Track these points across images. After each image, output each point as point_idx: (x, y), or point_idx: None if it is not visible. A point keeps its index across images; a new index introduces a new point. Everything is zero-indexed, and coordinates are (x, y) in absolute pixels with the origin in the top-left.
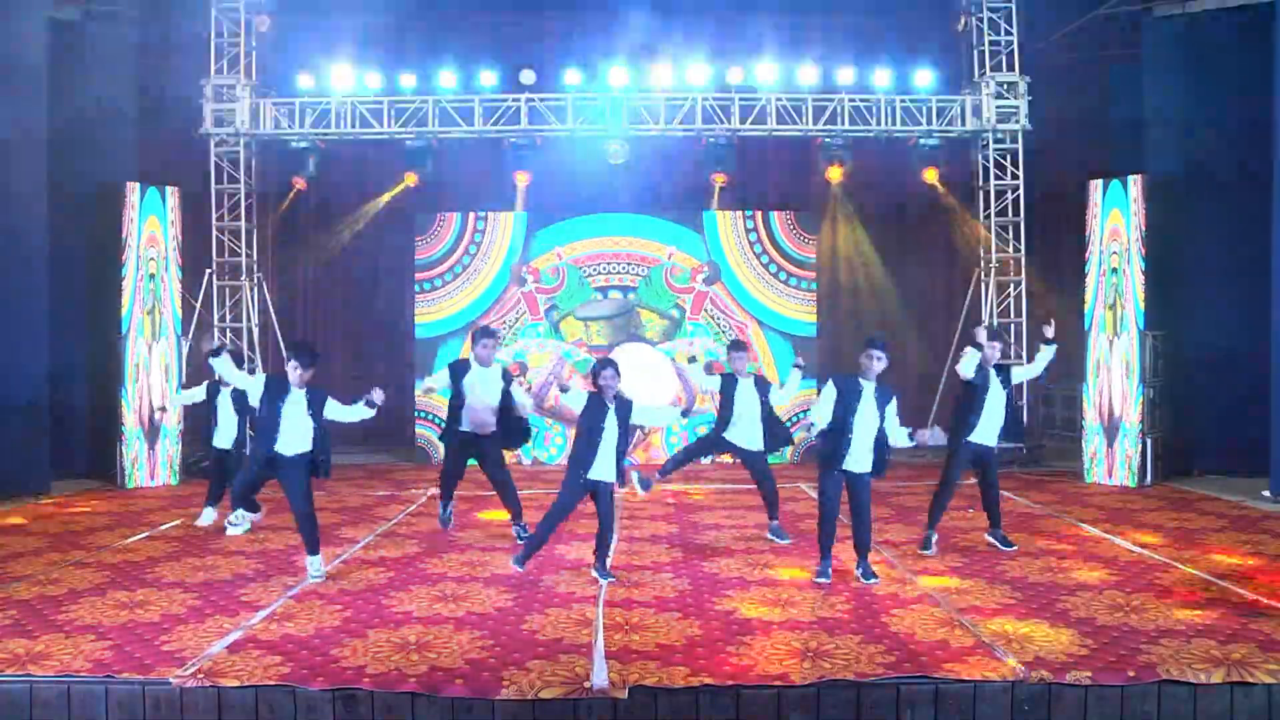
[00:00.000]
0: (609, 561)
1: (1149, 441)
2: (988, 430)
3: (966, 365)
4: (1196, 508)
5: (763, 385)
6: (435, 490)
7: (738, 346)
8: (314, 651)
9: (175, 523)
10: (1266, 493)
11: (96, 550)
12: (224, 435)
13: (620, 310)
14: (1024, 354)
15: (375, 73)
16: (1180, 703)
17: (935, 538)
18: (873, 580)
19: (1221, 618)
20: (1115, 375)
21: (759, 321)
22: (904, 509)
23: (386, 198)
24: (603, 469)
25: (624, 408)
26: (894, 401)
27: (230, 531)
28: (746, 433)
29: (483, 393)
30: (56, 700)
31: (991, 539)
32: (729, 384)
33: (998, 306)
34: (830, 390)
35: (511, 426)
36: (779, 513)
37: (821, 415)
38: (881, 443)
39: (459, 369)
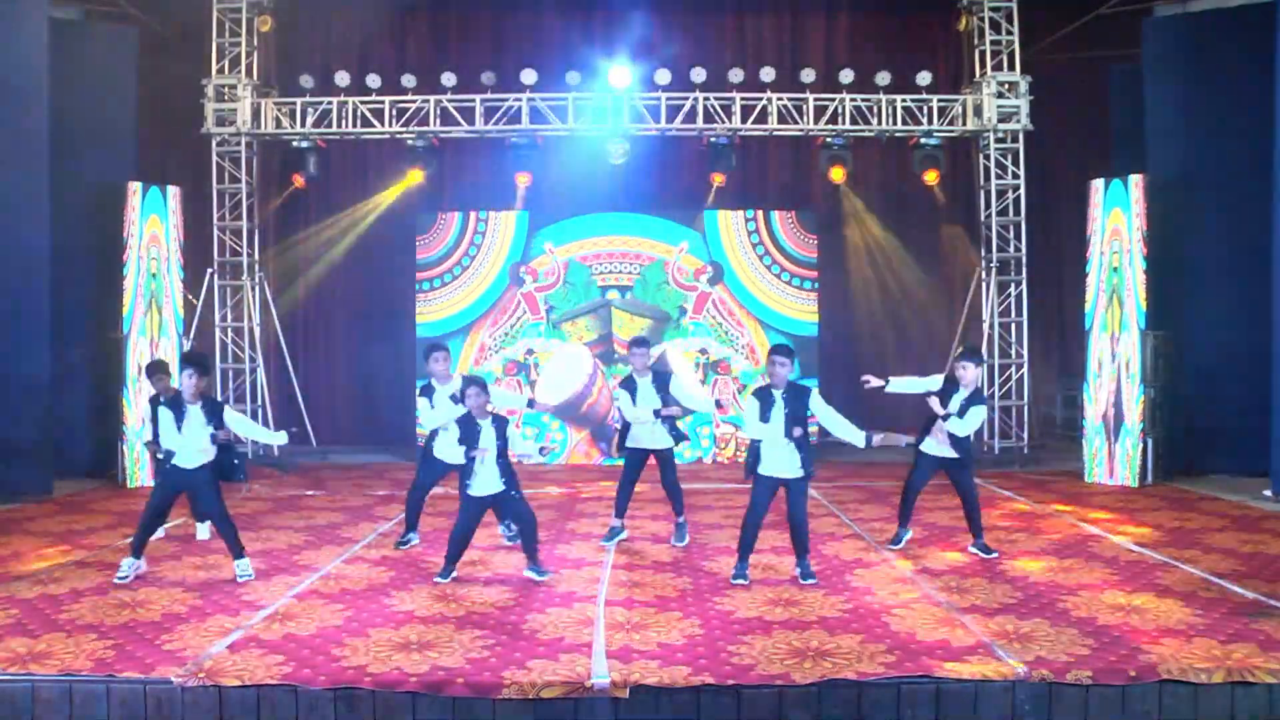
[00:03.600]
0: (539, 556)
1: (1150, 441)
2: (941, 442)
3: (933, 402)
4: (1197, 507)
5: (662, 382)
6: (435, 490)
7: (639, 343)
8: (315, 651)
9: (176, 522)
10: (1268, 492)
11: (98, 549)
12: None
13: (592, 307)
14: (1024, 353)
15: (376, 72)
16: (1181, 702)
17: (906, 535)
18: (810, 580)
19: (1222, 617)
20: (1116, 375)
21: (760, 321)
22: None
23: (393, 194)
24: (485, 483)
25: (500, 423)
26: (811, 396)
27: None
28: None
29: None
30: (58, 699)
31: (974, 550)
32: (628, 385)
33: (998, 306)
34: (752, 403)
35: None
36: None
37: (749, 428)
38: (803, 444)
39: (426, 391)
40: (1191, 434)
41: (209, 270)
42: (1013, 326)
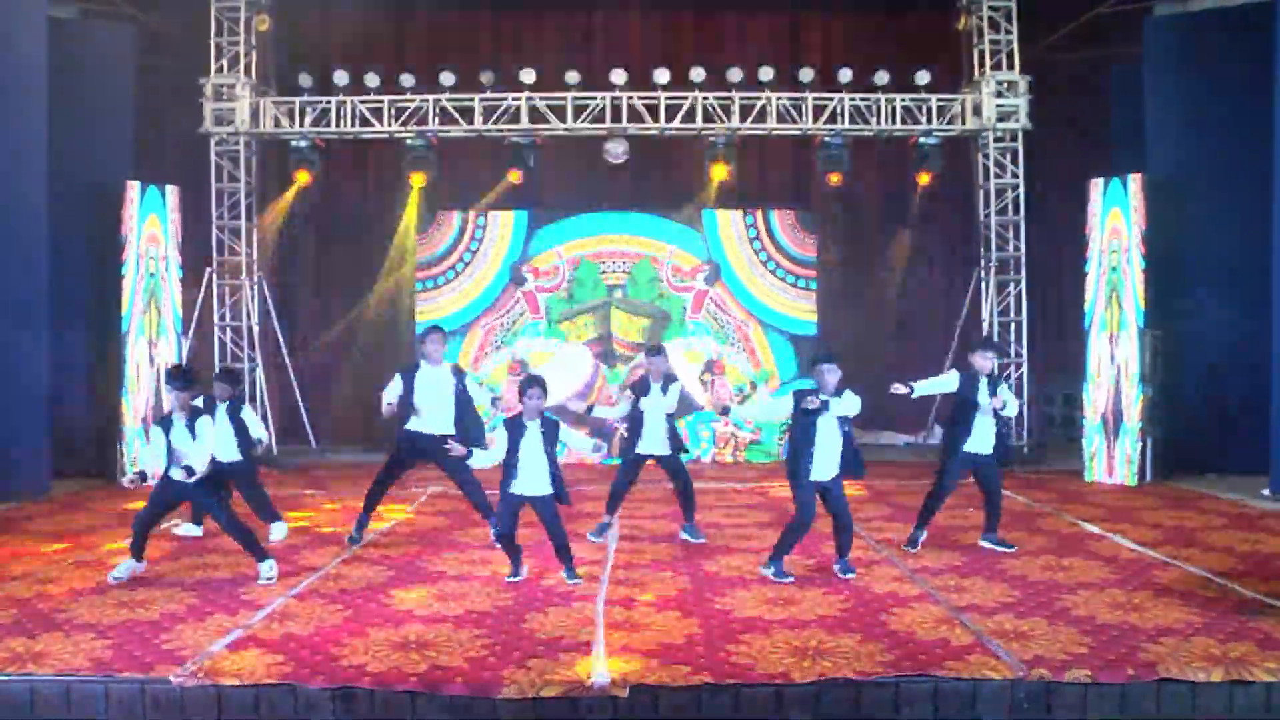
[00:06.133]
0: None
1: (1149, 440)
2: (981, 439)
3: (946, 380)
4: (1196, 506)
5: (670, 385)
6: (436, 489)
7: (655, 351)
8: (314, 650)
9: (175, 522)
10: (1266, 491)
11: (97, 549)
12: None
13: (594, 305)
14: (1024, 353)
15: (375, 71)
16: (1180, 701)
17: (922, 537)
18: (850, 574)
19: (1221, 616)
20: (1115, 374)
21: (759, 321)
22: (904, 508)
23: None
24: (527, 483)
25: (549, 426)
26: (847, 399)
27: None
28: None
29: (433, 392)
30: (57, 699)
31: (985, 543)
32: (641, 391)
33: (998, 305)
34: (790, 401)
35: (469, 425)
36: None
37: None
38: (849, 447)
39: (408, 370)
40: (1190, 433)
41: (208, 270)
42: (1012, 326)
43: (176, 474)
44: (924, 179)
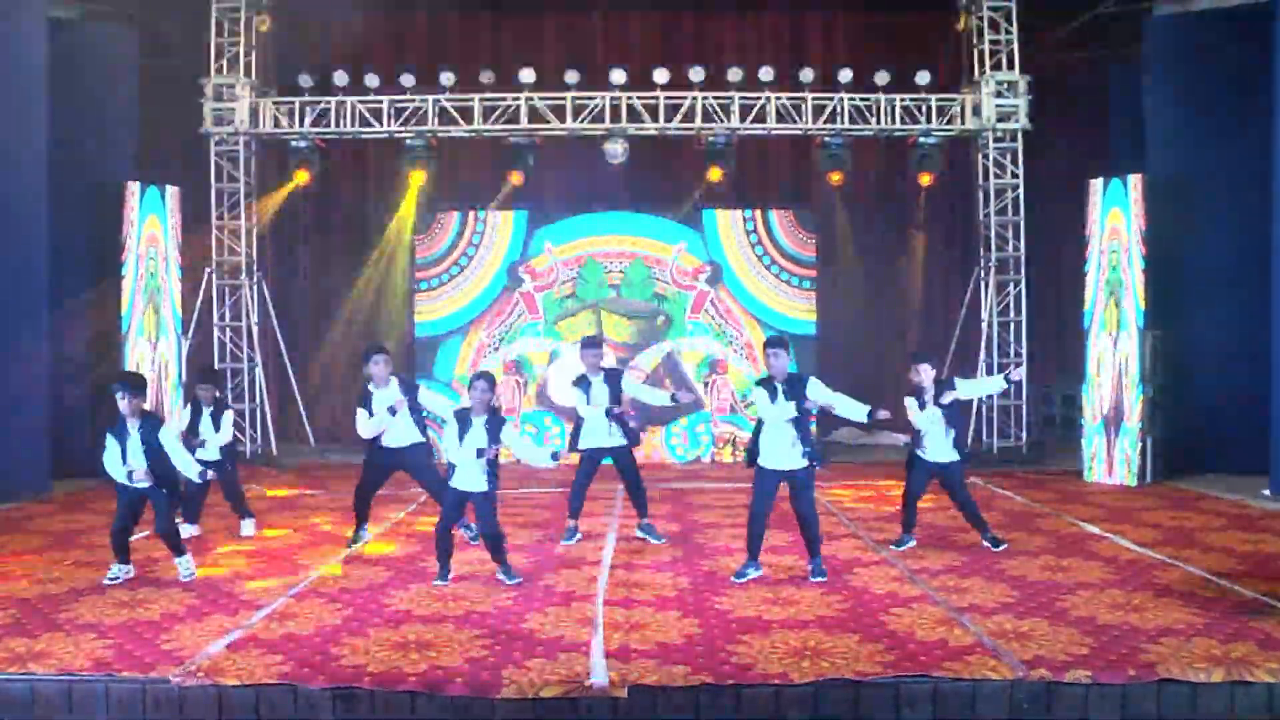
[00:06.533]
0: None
1: (1149, 440)
2: (934, 448)
3: (913, 417)
4: (1196, 506)
5: (614, 380)
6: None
7: (588, 343)
8: (314, 650)
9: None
10: (1266, 491)
11: (97, 549)
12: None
13: (583, 307)
14: (1023, 353)
15: (375, 72)
16: (1180, 701)
17: (910, 542)
18: (820, 578)
19: (1221, 616)
20: (1115, 374)
21: (758, 320)
22: None
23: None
24: (465, 479)
25: (494, 423)
26: (810, 383)
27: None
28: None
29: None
30: (57, 699)
31: (985, 542)
32: (582, 385)
33: (997, 305)
34: (760, 392)
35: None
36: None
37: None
38: (805, 434)
39: (363, 399)
40: (1190, 433)
41: (207, 270)
42: (1012, 326)
43: (139, 481)
44: (924, 179)
